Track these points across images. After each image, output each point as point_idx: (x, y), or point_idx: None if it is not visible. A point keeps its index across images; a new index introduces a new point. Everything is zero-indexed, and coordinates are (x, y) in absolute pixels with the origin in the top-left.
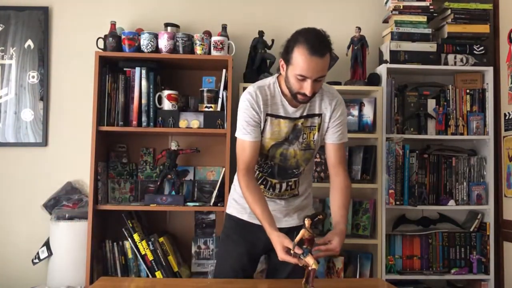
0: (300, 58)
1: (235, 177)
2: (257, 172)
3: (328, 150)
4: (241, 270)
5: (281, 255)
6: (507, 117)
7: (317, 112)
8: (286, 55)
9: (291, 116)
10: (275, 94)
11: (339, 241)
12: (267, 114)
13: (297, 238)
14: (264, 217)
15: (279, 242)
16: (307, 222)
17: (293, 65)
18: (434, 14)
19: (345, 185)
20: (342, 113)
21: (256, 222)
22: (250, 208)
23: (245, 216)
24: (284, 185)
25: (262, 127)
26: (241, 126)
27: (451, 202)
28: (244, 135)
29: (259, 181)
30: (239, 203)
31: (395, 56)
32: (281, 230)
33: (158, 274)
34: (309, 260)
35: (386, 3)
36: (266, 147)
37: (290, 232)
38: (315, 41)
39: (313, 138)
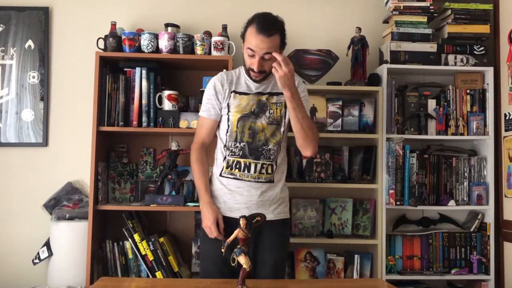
0: (250, 35)
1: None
2: (230, 158)
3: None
4: (223, 265)
5: (207, 227)
6: (507, 118)
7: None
8: (243, 34)
9: (253, 92)
10: (239, 76)
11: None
12: (232, 91)
13: (231, 237)
14: (204, 187)
15: (211, 214)
16: (242, 222)
17: (246, 41)
18: (434, 14)
19: None
20: (303, 91)
21: (231, 215)
22: (194, 179)
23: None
24: (259, 166)
25: (227, 103)
26: (202, 105)
27: (451, 202)
28: (202, 112)
29: (234, 166)
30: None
31: (396, 56)
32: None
33: (159, 274)
34: (241, 260)
35: (386, 3)
36: (234, 121)
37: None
38: (265, 22)
39: (281, 114)
